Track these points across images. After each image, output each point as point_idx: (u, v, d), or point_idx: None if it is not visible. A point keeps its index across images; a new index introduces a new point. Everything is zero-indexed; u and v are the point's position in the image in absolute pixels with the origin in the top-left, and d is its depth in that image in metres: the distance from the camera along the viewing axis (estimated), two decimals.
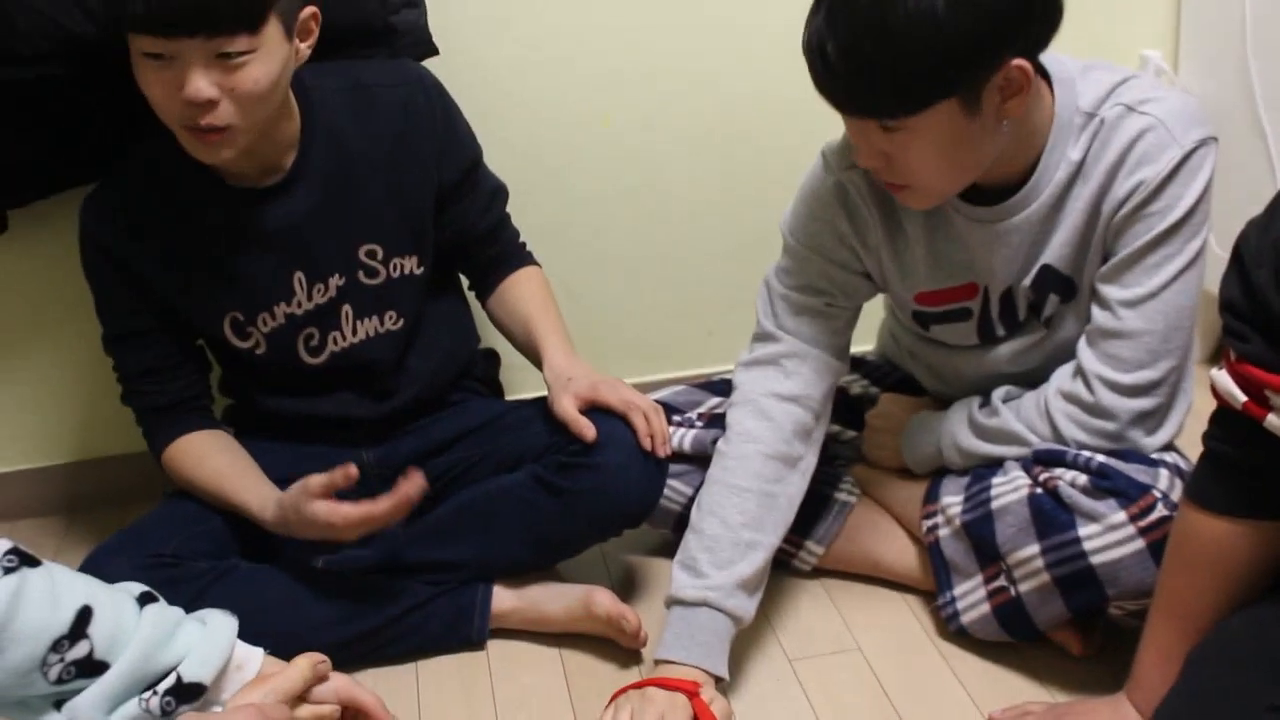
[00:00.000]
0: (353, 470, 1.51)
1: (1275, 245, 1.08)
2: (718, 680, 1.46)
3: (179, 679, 1.12)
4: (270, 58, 1.43)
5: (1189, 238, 1.39)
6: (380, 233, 1.65)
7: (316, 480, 1.51)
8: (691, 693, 1.41)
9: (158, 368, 1.64)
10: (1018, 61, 1.30)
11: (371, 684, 1.60)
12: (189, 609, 1.23)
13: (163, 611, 1.16)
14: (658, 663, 1.47)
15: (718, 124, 2.09)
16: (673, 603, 1.49)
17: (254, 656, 1.20)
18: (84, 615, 1.08)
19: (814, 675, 1.58)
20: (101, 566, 1.52)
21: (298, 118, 1.58)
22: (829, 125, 1.59)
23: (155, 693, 1.11)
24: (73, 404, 2.05)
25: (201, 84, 1.39)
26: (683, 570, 1.50)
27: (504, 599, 1.67)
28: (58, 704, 1.09)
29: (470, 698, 1.59)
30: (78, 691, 1.08)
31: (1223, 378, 1.15)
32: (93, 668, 1.08)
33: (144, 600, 1.16)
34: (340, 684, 1.25)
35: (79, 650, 1.08)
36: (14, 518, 2.09)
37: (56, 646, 1.06)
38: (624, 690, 1.45)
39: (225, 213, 1.58)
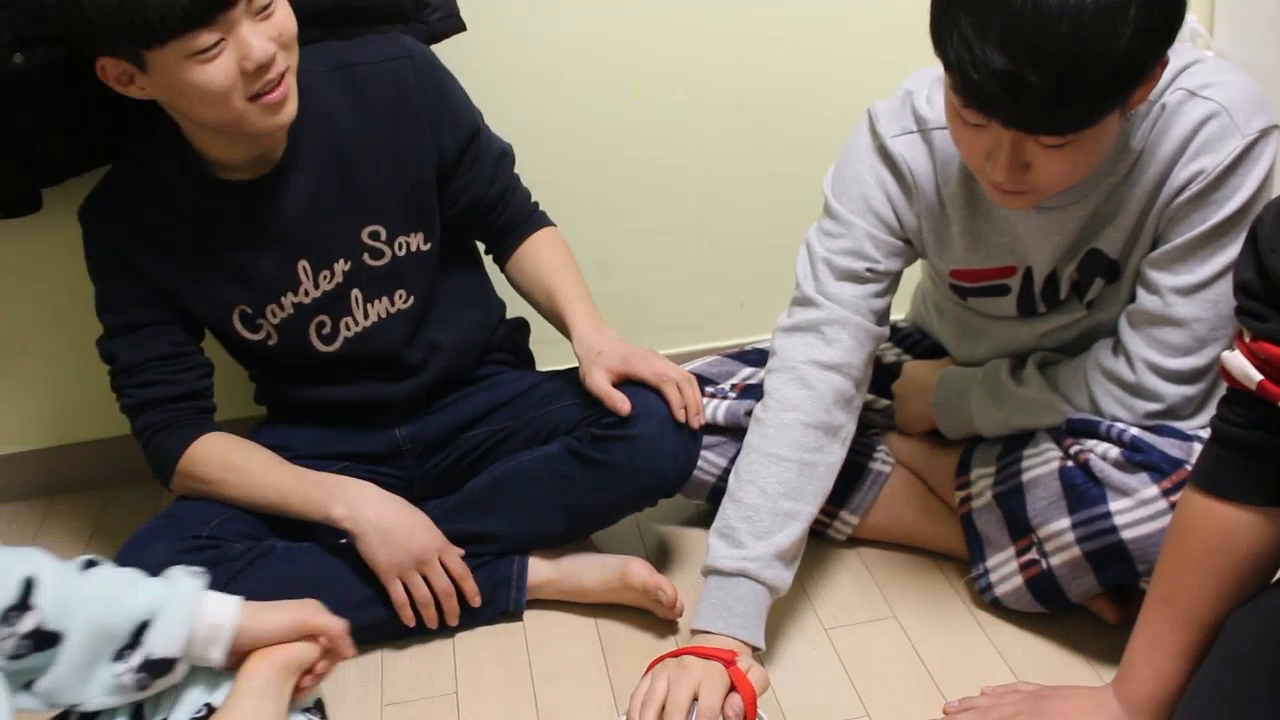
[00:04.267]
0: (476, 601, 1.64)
1: None
2: (754, 650, 1.47)
3: (148, 657, 1.11)
4: None
5: (1245, 227, 1.33)
6: (382, 213, 1.63)
7: (457, 562, 1.61)
8: (728, 662, 1.41)
9: (170, 355, 1.62)
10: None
11: (408, 656, 1.63)
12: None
13: (108, 572, 1.14)
14: (694, 632, 1.47)
15: (750, 94, 2.08)
16: (710, 572, 1.49)
17: (227, 614, 1.17)
18: (28, 585, 1.06)
19: (850, 644, 1.59)
20: (141, 550, 1.52)
21: None
22: (864, 94, 1.59)
23: (128, 668, 1.09)
24: (78, 385, 2.05)
25: (266, 44, 1.41)
26: (720, 539, 1.50)
27: (540, 570, 1.67)
28: (28, 685, 1.07)
29: (507, 669, 1.60)
30: (39, 670, 1.06)
31: (1236, 358, 1.13)
32: (46, 639, 1.06)
33: (88, 566, 1.14)
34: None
35: (28, 622, 1.05)
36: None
37: (5, 619, 1.04)
38: (661, 659, 1.45)
39: (221, 208, 1.57)
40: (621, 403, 1.58)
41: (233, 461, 1.61)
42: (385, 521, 1.56)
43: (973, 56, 1.19)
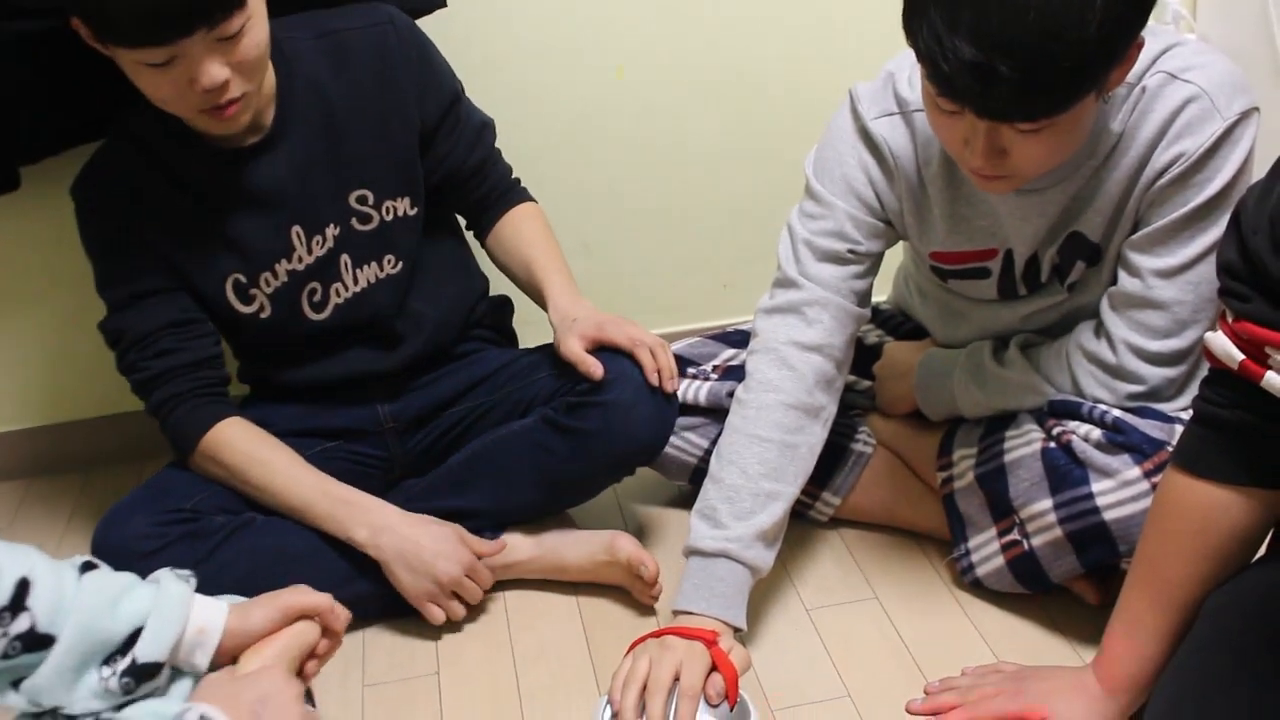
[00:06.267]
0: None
1: (1271, 215, 1.07)
2: (736, 630, 1.47)
3: (134, 661, 1.08)
4: (259, 18, 1.43)
5: (1226, 210, 1.34)
6: (369, 177, 1.64)
7: (486, 576, 1.63)
8: (710, 642, 1.42)
9: (181, 321, 1.60)
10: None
11: (389, 636, 1.63)
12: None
13: (103, 578, 1.11)
14: (676, 613, 1.47)
15: (733, 75, 2.07)
16: (691, 553, 1.49)
17: (216, 617, 1.15)
18: (22, 587, 1.04)
19: (831, 624, 1.59)
20: (121, 522, 1.52)
21: (273, 72, 1.56)
22: (847, 75, 1.58)
23: (114, 672, 1.07)
24: (57, 366, 2.05)
25: (216, 71, 1.39)
26: (702, 520, 1.50)
27: (522, 547, 1.68)
28: (16, 683, 1.05)
29: (489, 649, 1.60)
30: (30, 668, 1.05)
31: (1218, 339, 1.14)
32: (38, 641, 1.04)
33: (85, 569, 1.11)
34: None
35: (20, 624, 1.03)
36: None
37: None
38: (642, 639, 1.45)
39: (214, 177, 1.57)
40: (595, 368, 1.58)
41: (260, 455, 1.60)
42: (408, 549, 1.57)
43: (942, 47, 1.19)
